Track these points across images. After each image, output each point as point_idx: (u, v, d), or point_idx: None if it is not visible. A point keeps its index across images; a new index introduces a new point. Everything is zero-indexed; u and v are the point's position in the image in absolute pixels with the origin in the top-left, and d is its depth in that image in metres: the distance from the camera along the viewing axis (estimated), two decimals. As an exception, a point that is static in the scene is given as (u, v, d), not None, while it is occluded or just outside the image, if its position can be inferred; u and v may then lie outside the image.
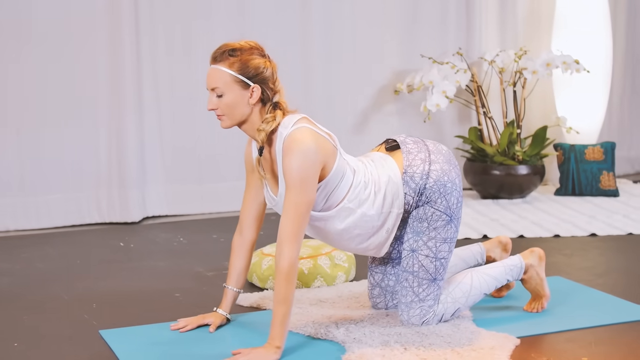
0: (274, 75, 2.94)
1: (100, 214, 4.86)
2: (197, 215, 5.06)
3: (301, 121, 2.89)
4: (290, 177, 2.80)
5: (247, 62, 2.88)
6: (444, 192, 3.00)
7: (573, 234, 4.50)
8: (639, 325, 3.10)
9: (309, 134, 2.84)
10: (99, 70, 4.79)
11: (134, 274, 3.86)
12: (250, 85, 2.88)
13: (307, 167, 2.80)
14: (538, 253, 3.23)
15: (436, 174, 3.01)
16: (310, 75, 5.25)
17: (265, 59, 2.92)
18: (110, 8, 4.75)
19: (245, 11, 5.07)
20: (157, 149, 4.97)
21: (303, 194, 2.80)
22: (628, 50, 6.11)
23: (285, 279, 2.79)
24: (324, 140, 2.88)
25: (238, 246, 3.13)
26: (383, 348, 2.85)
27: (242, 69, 2.87)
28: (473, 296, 3.10)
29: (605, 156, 5.43)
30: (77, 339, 3.05)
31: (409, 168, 3.01)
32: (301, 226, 2.81)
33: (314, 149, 2.81)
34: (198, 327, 3.11)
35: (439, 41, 5.56)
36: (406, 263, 3.04)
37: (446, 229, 3.02)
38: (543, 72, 5.23)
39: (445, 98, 5.12)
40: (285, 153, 2.83)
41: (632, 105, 6.22)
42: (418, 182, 3.00)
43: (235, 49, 2.89)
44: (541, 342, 2.96)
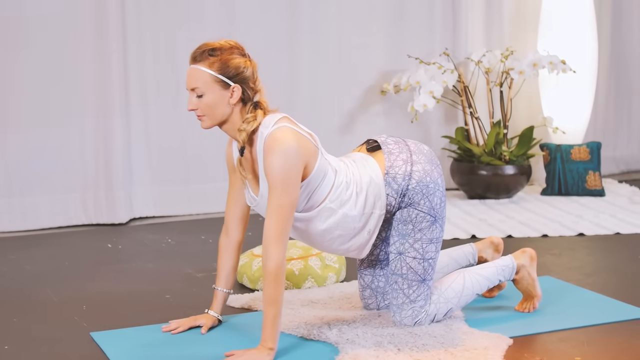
0: (254, 74, 2.92)
1: (87, 216, 4.83)
2: (184, 216, 5.05)
3: (282, 120, 2.87)
4: (273, 177, 2.78)
5: (227, 62, 2.86)
6: (427, 193, 3.00)
7: (561, 234, 4.51)
8: (630, 324, 3.12)
9: (290, 134, 2.82)
10: (85, 71, 4.76)
11: (123, 276, 3.84)
12: (231, 85, 2.86)
13: (289, 167, 2.78)
14: (529, 253, 3.24)
15: (418, 174, 3.00)
16: (296, 76, 5.24)
17: (246, 59, 2.90)
18: (96, 11, 4.72)
19: (232, 13, 5.05)
20: (143, 149, 4.95)
21: (286, 194, 2.78)
22: (613, 51, 6.13)
23: (273, 280, 2.77)
24: (305, 139, 2.86)
25: (225, 247, 3.11)
26: (376, 349, 2.85)
27: (222, 68, 2.85)
28: (465, 296, 3.10)
29: (591, 156, 5.45)
30: (68, 341, 3.03)
31: (391, 169, 3.00)
32: (286, 227, 2.79)
33: (296, 148, 2.79)
34: (190, 328, 3.10)
35: (425, 41, 5.57)
36: (394, 266, 3.03)
37: (431, 230, 3.01)
38: (530, 73, 5.24)
39: (433, 98, 5.13)
40: (266, 153, 2.81)
41: (616, 105, 6.24)
42: (400, 184, 2.99)
43: (215, 49, 2.87)
44: (534, 342, 2.97)
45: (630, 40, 6.18)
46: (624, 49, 6.18)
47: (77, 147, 4.80)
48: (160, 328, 3.11)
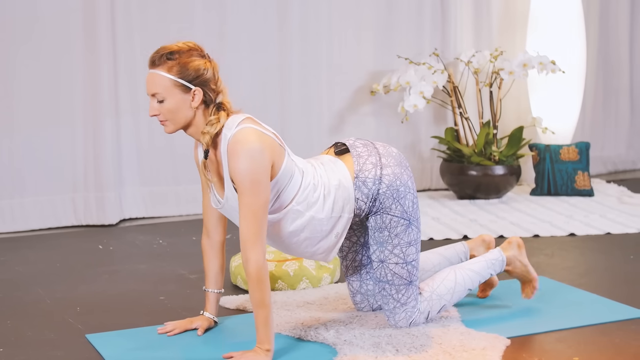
0: (215, 75, 2.86)
1: (76, 217, 4.81)
2: (174, 217, 5.03)
3: (245, 121, 2.81)
4: (240, 180, 2.74)
5: (186, 65, 2.81)
6: (398, 197, 2.97)
7: (552, 234, 4.52)
8: (626, 324, 3.12)
9: (252, 134, 2.76)
10: (74, 71, 4.74)
11: (116, 277, 3.82)
12: (192, 88, 2.81)
13: (256, 168, 2.73)
14: (516, 242, 3.25)
15: (388, 178, 2.97)
16: (286, 77, 5.24)
17: (205, 60, 2.85)
18: (86, 11, 4.70)
19: (221, 13, 5.04)
20: (133, 150, 4.93)
21: (256, 195, 2.73)
22: (600, 51, 6.16)
23: (256, 282, 2.74)
24: (269, 139, 2.80)
25: (209, 249, 3.09)
26: (375, 350, 2.84)
27: (181, 72, 2.80)
28: (458, 292, 3.10)
29: (580, 156, 5.47)
30: (64, 343, 3.01)
31: (361, 173, 2.97)
32: (261, 228, 2.75)
33: (260, 148, 2.74)
34: (185, 331, 3.08)
35: (414, 42, 5.57)
36: (379, 274, 3.02)
37: (407, 233, 2.99)
38: (520, 73, 5.25)
39: (423, 99, 5.13)
40: (230, 155, 2.76)
41: (604, 105, 6.27)
42: (371, 188, 2.96)
43: (173, 52, 2.82)
44: (531, 342, 2.97)
45: (618, 40, 6.22)
46: (611, 49, 6.21)
47: (66, 148, 4.77)
48: (156, 330, 3.09)
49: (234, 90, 5.04)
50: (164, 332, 3.07)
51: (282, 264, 3.55)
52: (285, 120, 5.25)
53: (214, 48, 4.99)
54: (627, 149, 6.43)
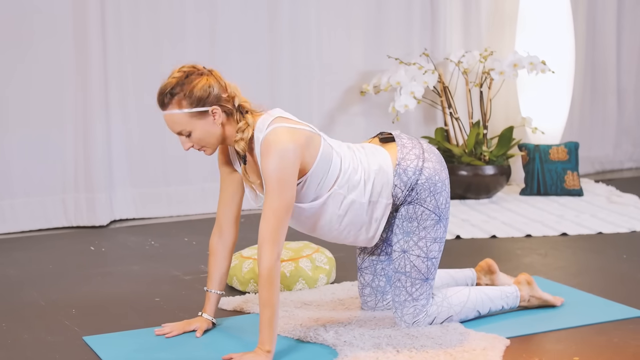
0: (221, 84, 2.87)
1: (67, 218, 4.78)
2: (165, 218, 5.00)
3: (275, 121, 2.83)
4: (268, 179, 2.76)
5: (192, 92, 2.81)
6: (434, 191, 3.00)
7: (544, 234, 4.53)
8: (623, 324, 3.13)
9: (283, 133, 2.79)
10: (64, 72, 4.71)
11: (110, 279, 3.80)
12: (208, 109, 2.83)
13: (284, 168, 2.75)
14: (525, 280, 3.26)
15: (429, 171, 3.00)
16: (276, 78, 5.22)
17: (205, 76, 2.85)
18: (76, 11, 4.67)
19: (212, 14, 5.02)
20: (123, 151, 4.90)
21: (281, 196, 2.75)
22: (588, 51, 6.18)
23: (266, 282, 2.75)
24: (301, 133, 2.82)
25: (220, 249, 3.08)
26: (375, 351, 2.83)
27: (191, 101, 2.82)
28: (467, 309, 3.10)
29: (569, 156, 5.48)
30: (62, 346, 2.98)
31: (403, 161, 3.00)
32: (280, 228, 2.76)
33: (291, 148, 2.76)
34: (183, 333, 3.06)
35: (403, 42, 5.58)
36: (398, 264, 3.03)
37: (435, 229, 3.01)
38: (510, 73, 5.26)
39: (414, 99, 5.13)
40: (262, 155, 2.79)
41: (592, 105, 6.30)
42: (410, 177, 2.98)
43: (174, 86, 2.83)
44: (530, 342, 2.97)
45: (605, 41, 6.24)
46: (598, 49, 6.24)
47: (57, 149, 4.74)
48: (154, 332, 3.07)
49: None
50: (162, 334, 3.05)
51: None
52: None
53: (205, 48, 5.01)
54: (614, 149, 6.46)
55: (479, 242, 4.40)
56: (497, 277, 3.42)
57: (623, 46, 6.34)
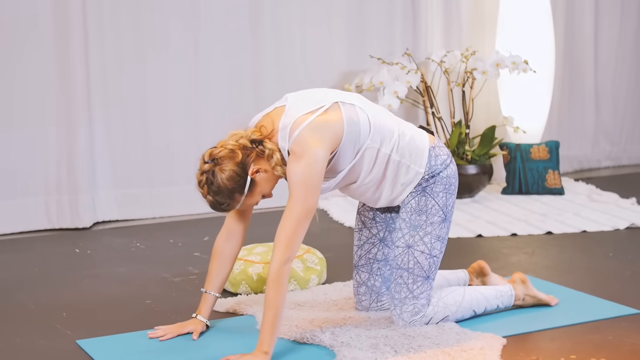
0: (232, 152, 2.86)
1: (49, 220, 4.73)
2: (148, 219, 4.96)
3: (297, 124, 2.82)
4: (294, 183, 2.77)
5: (229, 188, 2.84)
6: (448, 190, 3.04)
7: (529, 233, 4.55)
8: (616, 322, 3.15)
9: (311, 139, 2.79)
10: (47, 73, 4.66)
11: (98, 281, 3.76)
12: (250, 180, 2.86)
13: (312, 175, 2.77)
14: (519, 278, 3.29)
15: (451, 171, 3.06)
16: (260, 78, 5.21)
17: (217, 168, 2.85)
18: (58, 11, 4.62)
19: (195, 13, 4.99)
20: (106, 152, 4.86)
21: (305, 201, 2.77)
22: (567, 51, 6.22)
23: (273, 283, 2.75)
24: (326, 129, 2.82)
25: (226, 252, 3.06)
26: (374, 351, 2.83)
27: (238, 190, 2.85)
28: (463, 308, 3.11)
29: (551, 155, 5.51)
30: (55, 349, 2.95)
31: (437, 148, 3.06)
32: (297, 233, 2.77)
33: (320, 154, 2.78)
34: (177, 336, 3.04)
35: (385, 42, 5.58)
36: (401, 260, 3.03)
37: (440, 227, 3.04)
38: (492, 73, 5.28)
39: (397, 99, 5.14)
40: (290, 161, 2.81)
41: (571, 105, 6.34)
42: (438, 165, 3.03)
43: (216, 199, 2.86)
44: (526, 341, 2.98)
45: (583, 41, 6.28)
46: (577, 50, 6.28)
47: (39, 150, 4.70)
48: (147, 334, 3.05)
49: (210, 91, 5.04)
50: (156, 337, 3.02)
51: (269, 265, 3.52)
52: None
53: (189, 49, 4.98)
54: (592, 147, 6.50)
55: (465, 242, 4.41)
56: (490, 279, 3.43)
57: (600, 47, 6.39)
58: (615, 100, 6.54)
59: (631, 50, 6.54)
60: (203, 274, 3.81)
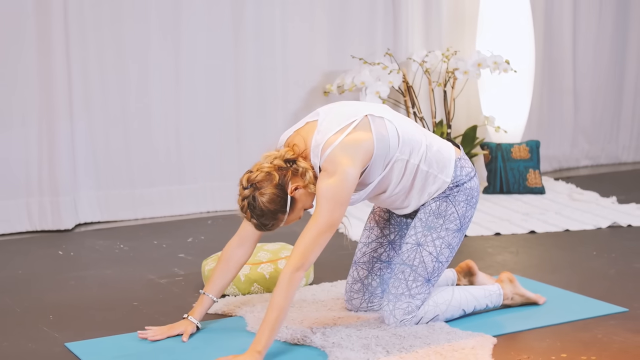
0: (269, 175, 2.87)
1: (31, 222, 4.68)
2: (131, 221, 4.93)
3: (329, 143, 2.85)
4: (323, 196, 2.81)
5: (271, 210, 2.87)
6: (469, 201, 3.08)
7: (513, 232, 4.57)
8: (604, 320, 3.16)
9: (343, 158, 2.83)
10: (27, 73, 4.62)
11: (84, 283, 3.74)
12: (291, 198, 2.88)
13: (342, 191, 2.81)
14: (507, 278, 3.32)
15: (475, 183, 3.11)
16: (241, 78, 5.19)
17: (256, 192, 2.86)
18: (38, 9, 4.58)
19: (177, 13, 4.97)
20: (88, 153, 4.83)
21: (330, 214, 2.81)
22: (546, 51, 6.25)
23: (282, 286, 2.78)
24: (358, 148, 2.85)
25: (235, 258, 3.07)
26: (366, 352, 2.82)
27: (281, 210, 2.88)
28: (452, 307, 3.12)
29: (531, 154, 5.54)
30: (44, 353, 2.92)
31: (463, 160, 3.10)
32: (317, 243, 2.81)
33: (351, 172, 2.82)
34: (167, 337, 3.02)
35: (365, 42, 5.58)
36: (407, 256, 3.05)
37: (454, 235, 3.06)
38: (473, 73, 5.30)
39: (379, 99, 5.14)
40: (321, 177, 2.85)
41: (550, 104, 6.37)
42: (463, 176, 3.07)
43: (261, 222, 2.89)
44: (516, 340, 2.99)
45: (561, 40, 6.31)
46: (556, 50, 6.31)
47: (19, 151, 4.65)
48: (137, 336, 3.03)
49: (191, 91, 5.01)
50: (145, 337, 3.00)
51: (257, 266, 3.52)
52: (241, 121, 5.20)
53: (170, 49, 4.95)
54: (571, 147, 6.54)
55: (449, 241, 4.42)
56: (477, 278, 3.44)
57: (579, 48, 6.42)
58: (594, 100, 6.58)
59: (608, 50, 6.58)
60: (189, 275, 3.80)
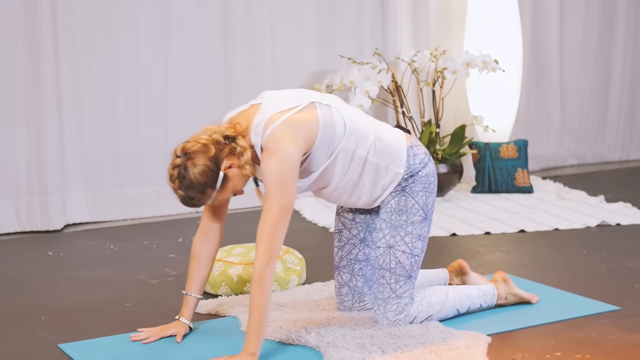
0: (205, 146, 2.82)
1: (19, 223, 4.66)
2: (120, 221, 4.91)
3: (271, 121, 2.80)
4: (269, 182, 2.75)
5: (201, 183, 2.81)
6: (427, 189, 3.05)
7: (503, 231, 4.58)
8: (597, 318, 3.18)
9: (283, 136, 2.77)
10: (15, 73, 4.59)
11: (75, 284, 3.72)
12: (223, 174, 2.83)
13: (286, 172, 2.75)
14: (501, 277, 3.32)
15: (430, 169, 3.07)
16: (230, 78, 5.18)
17: (189, 162, 2.81)
18: (26, 10, 4.55)
19: (166, 12, 4.96)
20: (77, 154, 4.80)
21: (281, 199, 2.74)
22: (533, 51, 6.26)
23: (256, 284, 2.73)
24: (300, 127, 2.80)
25: (204, 252, 3.04)
26: (361, 351, 2.82)
27: (210, 185, 2.82)
28: (446, 307, 3.12)
29: (519, 154, 5.56)
30: (38, 354, 2.91)
31: (415, 147, 3.06)
32: (277, 232, 2.75)
33: (292, 151, 2.75)
34: (160, 339, 3.01)
35: (354, 42, 5.58)
36: (382, 260, 3.03)
37: (421, 226, 3.04)
38: (462, 72, 5.31)
39: (368, 98, 5.14)
40: (263, 159, 2.78)
41: (537, 104, 6.39)
42: (416, 164, 3.03)
43: (187, 193, 2.82)
44: (510, 338, 3.00)
45: (548, 40, 6.33)
46: (542, 49, 6.32)
47: (8, 152, 4.63)
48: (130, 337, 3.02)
49: (180, 91, 5.00)
50: (139, 340, 3.00)
51: (249, 266, 3.51)
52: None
53: (159, 49, 4.94)
54: (558, 146, 6.56)
55: (440, 240, 4.43)
56: (469, 277, 3.44)
57: (565, 47, 6.44)
58: (580, 100, 6.60)
59: (595, 50, 6.60)
60: (181, 275, 3.79)
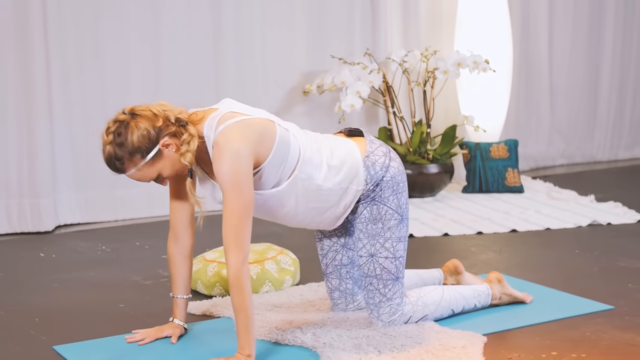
0: (148, 116, 2.77)
1: (10, 224, 4.64)
2: (111, 222, 4.90)
3: (224, 119, 2.77)
4: (223, 182, 2.70)
5: (134, 146, 2.74)
6: (397, 190, 3.01)
7: (495, 231, 4.59)
8: (591, 317, 3.19)
9: (234, 134, 2.72)
10: (6, 73, 4.57)
11: (68, 286, 3.70)
12: (158, 149, 2.77)
13: (238, 170, 2.69)
14: (495, 278, 3.31)
15: (394, 170, 3.02)
16: (221, 79, 5.17)
17: (131, 123, 2.75)
18: (16, 8, 4.54)
19: (156, 12, 4.94)
20: (67, 154, 4.79)
21: (239, 197, 2.69)
22: (522, 51, 6.28)
23: (235, 287, 2.70)
24: (253, 129, 2.75)
25: (178, 255, 3.02)
26: (357, 352, 2.82)
27: (140, 153, 2.75)
28: (442, 307, 3.12)
29: (510, 153, 5.57)
30: (32, 356, 2.90)
31: (372, 155, 3.00)
32: (243, 231, 2.71)
33: (243, 148, 2.69)
34: (156, 340, 3.01)
35: (345, 42, 5.58)
36: (367, 269, 3.03)
37: (399, 228, 3.02)
38: (453, 72, 5.31)
39: (359, 98, 5.14)
40: (214, 158, 2.72)
41: (527, 104, 6.40)
42: (378, 172, 2.99)
43: (115, 152, 2.76)
44: (506, 338, 3.00)
45: (538, 41, 6.34)
46: (532, 49, 6.34)
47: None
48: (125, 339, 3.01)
49: (171, 92, 4.99)
50: (134, 341, 2.99)
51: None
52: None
53: (149, 50, 4.93)
54: (547, 146, 6.58)
55: (432, 240, 4.43)
56: (463, 277, 3.45)
57: (555, 47, 6.46)
58: (569, 100, 6.62)
59: (584, 50, 6.62)
60: (174, 276, 3.77)
